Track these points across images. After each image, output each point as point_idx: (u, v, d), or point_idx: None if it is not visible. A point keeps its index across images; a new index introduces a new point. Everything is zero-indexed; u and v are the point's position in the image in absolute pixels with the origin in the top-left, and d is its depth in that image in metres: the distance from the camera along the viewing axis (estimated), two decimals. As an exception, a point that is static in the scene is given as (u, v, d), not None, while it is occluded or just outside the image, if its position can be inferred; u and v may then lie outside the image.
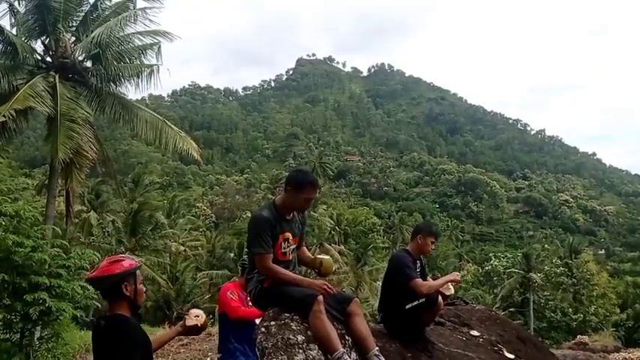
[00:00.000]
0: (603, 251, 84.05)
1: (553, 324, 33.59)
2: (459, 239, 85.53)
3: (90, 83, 13.41)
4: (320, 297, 3.39)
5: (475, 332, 4.81)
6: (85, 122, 12.61)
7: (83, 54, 13.27)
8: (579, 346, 15.05)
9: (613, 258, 79.97)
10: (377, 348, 3.51)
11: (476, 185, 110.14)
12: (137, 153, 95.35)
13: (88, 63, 13.47)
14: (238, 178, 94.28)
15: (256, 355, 3.53)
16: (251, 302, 4.05)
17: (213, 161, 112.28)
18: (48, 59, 13.30)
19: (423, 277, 4.32)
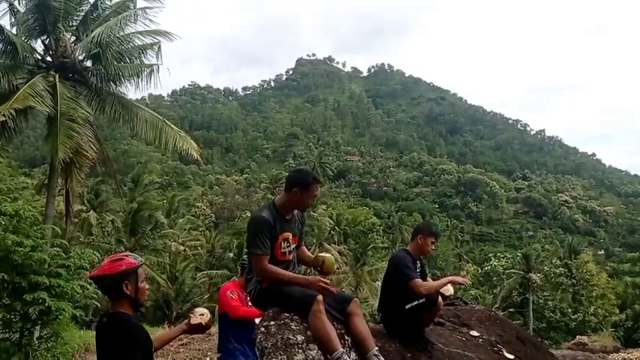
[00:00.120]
0: (603, 252, 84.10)
1: (552, 324, 33.58)
2: (459, 239, 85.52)
3: (90, 83, 13.43)
4: (319, 297, 3.38)
5: (475, 332, 4.81)
6: (85, 122, 12.63)
7: (83, 53, 13.30)
8: (578, 347, 15.07)
9: (612, 258, 79.92)
10: (376, 348, 3.51)
11: (475, 185, 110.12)
12: (137, 153, 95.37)
13: (88, 62, 13.51)
14: (238, 178, 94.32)
15: (256, 355, 3.53)
16: (251, 302, 4.05)
17: (212, 161, 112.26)
18: (48, 59, 13.31)
19: (423, 278, 4.32)
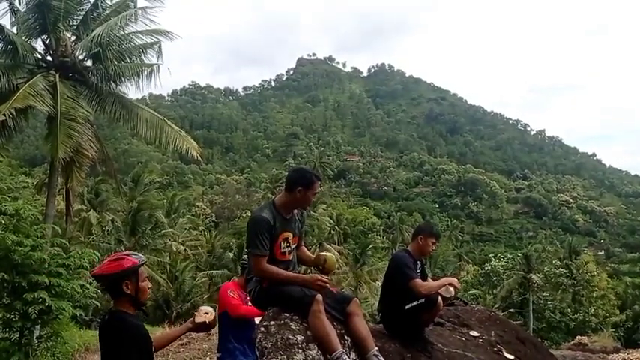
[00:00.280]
0: (603, 252, 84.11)
1: (552, 324, 33.54)
2: (459, 239, 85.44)
3: (90, 82, 13.43)
4: (319, 296, 3.38)
5: (474, 332, 4.81)
6: (85, 121, 12.63)
7: (83, 53, 13.30)
8: (578, 347, 15.09)
9: (613, 259, 79.86)
10: (376, 348, 3.50)
11: (476, 185, 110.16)
12: (137, 152, 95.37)
13: (89, 62, 13.52)
14: (238, 178, 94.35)
15: (256, 355, 3.53)
16: (251, 302, 4.05)
17: (213, 161, 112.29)
18: (48, 58, 13.32)
19: (424, 278, 4.32)
